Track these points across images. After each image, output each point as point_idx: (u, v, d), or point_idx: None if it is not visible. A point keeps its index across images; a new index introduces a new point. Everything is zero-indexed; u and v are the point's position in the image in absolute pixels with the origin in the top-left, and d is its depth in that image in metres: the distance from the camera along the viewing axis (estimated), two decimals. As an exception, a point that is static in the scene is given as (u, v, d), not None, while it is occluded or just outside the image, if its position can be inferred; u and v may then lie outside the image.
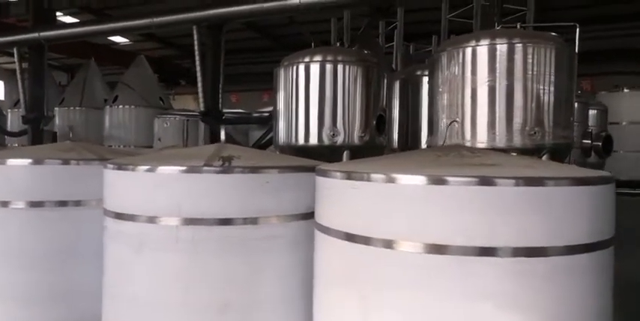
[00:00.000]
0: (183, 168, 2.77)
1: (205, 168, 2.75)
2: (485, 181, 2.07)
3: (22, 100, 8.79)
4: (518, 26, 3.89)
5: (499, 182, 2.06)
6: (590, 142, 4.28)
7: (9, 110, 11.61)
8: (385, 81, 4.89)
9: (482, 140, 3.65)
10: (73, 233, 3.65)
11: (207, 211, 2.79)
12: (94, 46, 14.51)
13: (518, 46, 3.56)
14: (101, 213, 3.48)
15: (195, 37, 7.28)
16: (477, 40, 3.73)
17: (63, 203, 3.58)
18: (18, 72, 8.86)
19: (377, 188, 2.25)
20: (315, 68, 4.55)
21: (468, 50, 3.74)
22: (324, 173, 2.63)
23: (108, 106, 10.16)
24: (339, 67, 4.53)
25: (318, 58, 4.59)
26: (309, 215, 2.96)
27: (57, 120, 10.38)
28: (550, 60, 3.56)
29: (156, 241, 2.83)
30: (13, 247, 3.62)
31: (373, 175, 2.26)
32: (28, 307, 3.66)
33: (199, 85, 7.39)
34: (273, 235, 2.87)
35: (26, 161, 3.58)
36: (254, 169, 2.79)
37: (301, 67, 4.61)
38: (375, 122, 4.61)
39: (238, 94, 19.94)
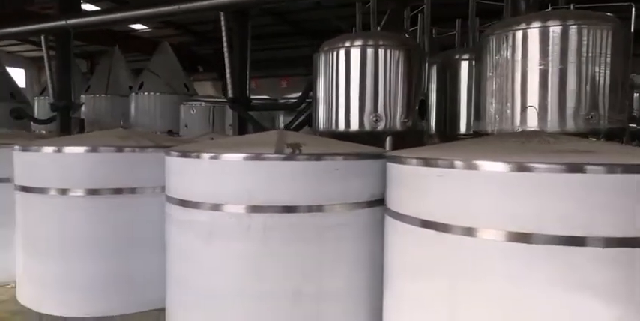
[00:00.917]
0: (253, 155, 2.76)
1: (276, 155, 2.74)
2: (584, 169, 2.01)
3: (49, 88, 8.81)
4: (571, 7, 3.79)
5: (598, 170, 2.00)
6: (636, 126, 4.22)
7: (35, 98, 11.68)
8: (426, 65, 4.82)
9: (532, 125, 3.60)
10: (129, 221, 3.66)
11: (277, 198, 2.78)
12: (114, 34, 14.50)
13: (573, 28, 3.46)
14: (156, 201, 3.51)
15: (223, 23, 7.20)
16: (528, 23, 3.64)
17: (119, 191, 3.61)
18: (46, 60, 8.85)
19: (465, 176, 2.20)
20: (355, 53, 4.49)
21: (519, 33, 3.65)
22: (399, 160, 2.59)
23: (133, 93, 10.21)
24: (381, 51, 4.46)
25: (358, 42, 4.53)
26: (373, 203, 2.96)
27: (84, 107, 10.44)
28: (606, 42, 3.46)
29: (226, 229, 2.82)
30: (72, 236, 3.65)
31: (458, 163, 2.21)
32: (88, 295, 3.69)
33: (227, 71, 7.31)
34: (341, 222, 2.86)
35: (83, 149, 3.60)
36: (323, 157, 2.78)
37: (342, 53, 4.55)
38: (417, 107, 4.56)
39: (257, 80, 19.87)
